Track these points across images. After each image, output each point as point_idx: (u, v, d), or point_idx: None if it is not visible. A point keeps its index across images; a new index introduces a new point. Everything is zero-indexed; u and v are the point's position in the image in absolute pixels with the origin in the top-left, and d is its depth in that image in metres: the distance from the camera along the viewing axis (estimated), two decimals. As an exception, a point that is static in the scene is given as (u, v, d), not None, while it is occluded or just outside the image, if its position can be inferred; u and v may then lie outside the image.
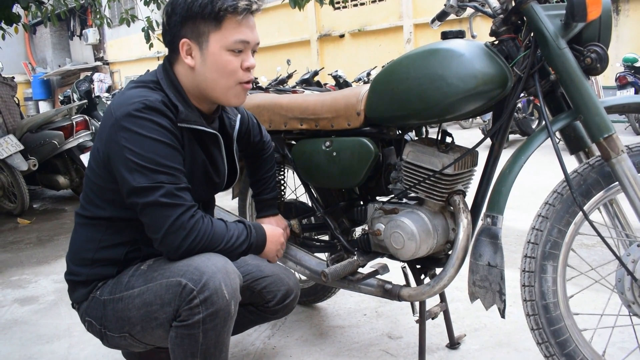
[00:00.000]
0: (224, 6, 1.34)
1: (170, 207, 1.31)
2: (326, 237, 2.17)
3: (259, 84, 8.36)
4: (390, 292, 1.72)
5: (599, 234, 1.36)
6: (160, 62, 1.51)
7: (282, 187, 2.17)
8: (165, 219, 1.31)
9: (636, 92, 7.27)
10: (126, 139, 1.30)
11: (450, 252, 1.60)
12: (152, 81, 1.42)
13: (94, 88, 14.65)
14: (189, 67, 1.40)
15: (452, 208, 1.64)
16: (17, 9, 4.92)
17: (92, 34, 18.36)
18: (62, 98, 14.37)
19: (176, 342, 1.34)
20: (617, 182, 1.40)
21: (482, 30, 1.50)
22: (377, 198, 1.89)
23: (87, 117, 5.17)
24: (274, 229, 1.61)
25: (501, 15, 1.51)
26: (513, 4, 1.48)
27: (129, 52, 17.73)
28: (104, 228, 1.45)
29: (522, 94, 1.52)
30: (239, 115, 1.69)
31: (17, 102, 5.78)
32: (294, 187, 2.30)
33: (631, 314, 1.42)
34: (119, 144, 1.31)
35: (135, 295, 1.38)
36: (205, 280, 1.29)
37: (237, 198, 2.45)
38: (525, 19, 1.45)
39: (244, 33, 1.38)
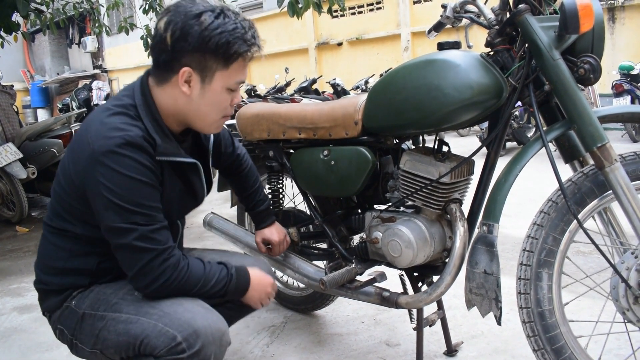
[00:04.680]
0: (240, 50, 1.33)
1: (142, 251, 1.30)
2: (324, 245, 2.19)
3: (257, 92, 8.37)
4: (387, 300, 1.73)
5: (593, 242, 1.38)
6: None
7: (281, 196, 2.19)
8: (135, 261, 1.31)
9: (632, 100, 7.29)
10: (103, 175, 1.27)
11: (447, 260, 1.62)
12: (131, 105, 1.37)
13: (92, 96, 14.69)
14: (181, 93, 1.36)
15: (448, 216, 1.65)
16: (16, 17, 4.95)
17: (90, 42, 18.37)
18: (60, 106, 14.39)
19: None
20: (610, 191, 1.42)
21: (479, 40, 1.52)
22: (375, 206, 1.90)
23: (86, 126, 5.17)
24: (262, 277, 1.55)
25: (496, 27, 1.53)
26: (508, 15, 1.50)
27: (128, 60, 17.74)
28: (74, 240, 1.43)
29: (517, 104, 1.54)
30: None
31: (16, 110, 5.79)
32: (292, 196, 2.31)
33: (626, 321, 1.44)
34: (95, 179, 1.28)
35: (121, 320, 1.36)
36: (199, 347, 1.28)
37: (236, 206, 2.47)
38: (519, 30, 1.48)
39: (244, 74, 1.40)
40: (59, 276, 1.45)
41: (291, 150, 2.02)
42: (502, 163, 1.48)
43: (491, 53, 1.56)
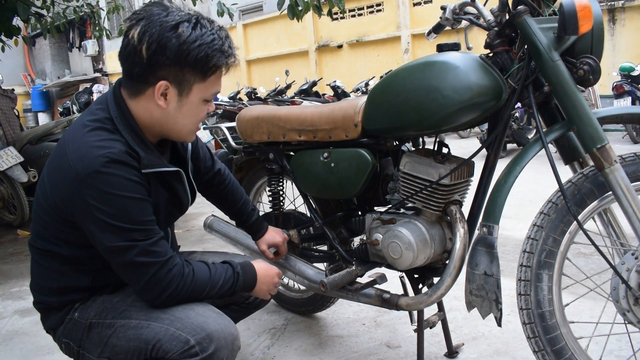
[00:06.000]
0: (219, 63, 1.31)
1: (146, 266, 1.30)
2: (325, 247, 2.19)
3: (258, 95, 8.40)
4: (388, 302, 1.73)
5: (594, 243, 1.38)
6: None
7: (281, 198, 2.19)
8: (141, 276, 1.31)
9: (633, 101, 7.29)
10: (93, 198, 1.25)
11: (447, 262, 1.62)
12: (107, 119, 1.34)
13: (93, 99, 14.70)
14: (157, 106, 1.33)
15: (449, 218, 1.65)
16: (17, 21, 4.95)
17: (91, 45, 18.39)
18: (61, 109, 14.38)
19: None
20: (610, 192, 1.42)
21: (479, 41, 1.52)
22: (375, 208, 1.90)
23: (86, 129, 5.17)
24: (267, 269, 1.57)
25: (495, 28, 1.53)
26: (507, 17, 1.51)
27: (128, 63, 17.70)
28: (61, 260, 1.41)
29: (517, 105, 1.54)
30: None
31: (16, 114, 5.79)
32: (292, 198, 2.31)
33: (626, 322, 1.44)
34: (85, 202, 1.26)
35: (131, 326, 1.36)
36: (212, 351, 1.29)
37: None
38: (519, 31, 1.48)
39: (220, 85, 1.39)
40: (56, 295, 1.44)
41: (291, 153, 2.02)
42: (502, 164, 1.48)
43: (490, 54, 1.56)
